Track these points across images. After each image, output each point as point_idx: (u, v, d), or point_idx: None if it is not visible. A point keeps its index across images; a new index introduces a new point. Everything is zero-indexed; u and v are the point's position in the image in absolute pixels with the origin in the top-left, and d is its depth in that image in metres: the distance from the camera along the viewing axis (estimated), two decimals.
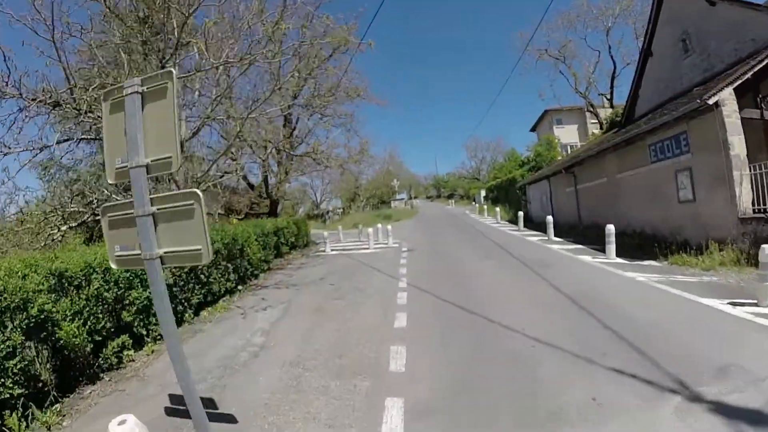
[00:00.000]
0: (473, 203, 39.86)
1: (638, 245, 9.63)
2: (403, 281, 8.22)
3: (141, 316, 5.26)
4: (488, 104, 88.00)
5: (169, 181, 10.36)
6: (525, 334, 4.62)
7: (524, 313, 5.41)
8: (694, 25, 11.46)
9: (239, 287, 8.75)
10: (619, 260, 8.58)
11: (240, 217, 19.60)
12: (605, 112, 25.33)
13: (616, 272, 7.44)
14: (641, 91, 15.06)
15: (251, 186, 22.79)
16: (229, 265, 8.47)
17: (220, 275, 7.91)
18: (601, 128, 24.74)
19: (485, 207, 28.04)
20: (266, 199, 19.66)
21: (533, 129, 43.51)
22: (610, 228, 8.74)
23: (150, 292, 5.70)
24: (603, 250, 9.67)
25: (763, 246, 4.90)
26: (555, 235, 12.54)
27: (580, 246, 10.76)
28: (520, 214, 16.55)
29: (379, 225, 17.42)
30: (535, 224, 17.99)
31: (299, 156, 15.72)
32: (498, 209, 22.54)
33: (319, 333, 5.55)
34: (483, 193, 41.23)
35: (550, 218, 12.36)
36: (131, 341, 5.02)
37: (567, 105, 33.39)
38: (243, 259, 9.39)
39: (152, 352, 5.16)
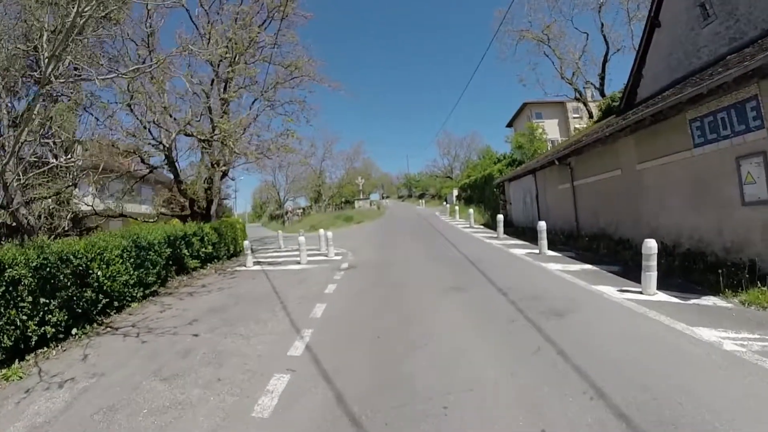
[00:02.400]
0: (445, 203, 37.03)
1: (682, 268, 6.65)
2: (304, 339, 4.86)
3: None
4: (465, 95, 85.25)
5: None
6: None
7: None
8: None
9: (75, 330, 5.99)
10: (664, 297, 5.51)
11: (152, 220, 15.98)
12: (594, 102, 22.96)
13: (677, 328, 4.31)
14: (645, 70, 12.62)
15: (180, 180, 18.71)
16: (50, 300, 5.59)
17: (25, 317, 5.13)
18: (590, 118, 22.24)
19: (456, 208, 25.06)
20: (193, 197, 15.53)
21: (510, 124, 41.73)
22: (651, 246, 5.62)
23: None
24: (625, 274, 6.74)
25: None
26: (548, 247, 9.44)
27: (588, 266, 7.67)
28: (500, 218, 13.46)
29: (322, 231, 13.99)
30: (517, 230, 15.02)
31: (205, 141, 11.94)
32: (471, 211, 19.56)
33: None
34: (455, 192, 38.66)
35: (542, 225, 9.25)
36: None
37: (548, 98, 31.19)
38: (86, 287, 6.52)
39: None
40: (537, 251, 9.40)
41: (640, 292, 5.73)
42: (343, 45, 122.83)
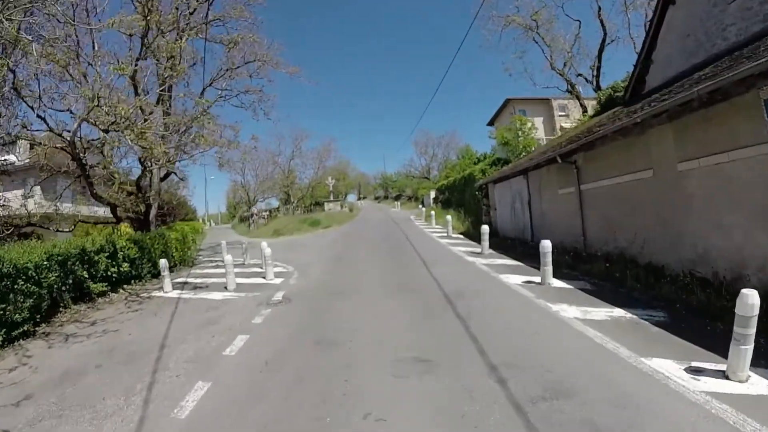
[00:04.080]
0: (421, 207, 34.98)
1: (763, 318, 4.53)
2: None
3: None
4: (443, 92, 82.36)
5: None
6: None
7: None
8: None
9: None
10: (762, 383, 3.40)
11: (67, 230, 13.33)
12: (588, 99, 21.25)
13: None
14: (656, 54, 10.99)
15: (91, 182, 15.83)
16: None
17: None
18: (585, 112, 20.48)
19: (433, 212, 22.96)
20: (111, 200, 12.63)
21: (491, 122, 40.43)
22: (753, 302, 3.42)
23: None
24: (678, 329, 4.71)
25: None
26: (552, 273, 7.23)
27: (618, 311, 5.48)
28: (485, 229, 11.23)
29: (264, 244, 11.51)
30: (504, 242, 12.92)
31: (105, 132, 9.27)
32: (449, 217, 17.38)
33: None
34: (432, 194, 36.69)
35: (547, 245, 6.94)
36: None
37: (533, 95, 29.80)
38: None
39: None
40: (538, 280, 7.18)
41: (723, 374, 3.59)
42: (324, 41, 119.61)
